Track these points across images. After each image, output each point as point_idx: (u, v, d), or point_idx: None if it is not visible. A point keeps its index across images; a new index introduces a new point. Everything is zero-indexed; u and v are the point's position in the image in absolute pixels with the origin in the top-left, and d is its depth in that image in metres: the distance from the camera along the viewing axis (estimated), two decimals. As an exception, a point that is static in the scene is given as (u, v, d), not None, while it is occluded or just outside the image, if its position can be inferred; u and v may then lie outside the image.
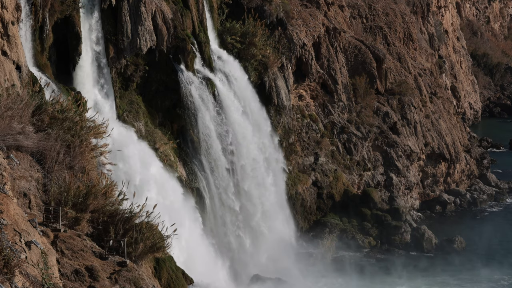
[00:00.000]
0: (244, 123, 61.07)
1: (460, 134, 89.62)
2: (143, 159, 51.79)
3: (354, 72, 77.19)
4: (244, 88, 62.78)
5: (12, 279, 21.50)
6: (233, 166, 59.37)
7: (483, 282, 60.61)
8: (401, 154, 76.67)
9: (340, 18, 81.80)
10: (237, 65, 63.09)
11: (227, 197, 58.47)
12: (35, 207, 31.81)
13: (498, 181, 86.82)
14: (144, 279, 30.39)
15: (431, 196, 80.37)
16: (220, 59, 61.83)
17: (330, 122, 74.02)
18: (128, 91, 55.16)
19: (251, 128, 61.76)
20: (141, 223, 33.83)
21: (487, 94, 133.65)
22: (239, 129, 60.32)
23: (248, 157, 60.75)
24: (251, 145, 61.27)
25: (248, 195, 60.49)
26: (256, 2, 67.26)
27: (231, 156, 59.23)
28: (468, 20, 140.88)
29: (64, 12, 49.24)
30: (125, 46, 53.46)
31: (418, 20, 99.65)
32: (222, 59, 62.06)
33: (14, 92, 36.51)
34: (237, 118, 60.35)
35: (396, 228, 69.38)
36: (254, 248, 60.09)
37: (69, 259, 29.47)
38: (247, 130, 61.14)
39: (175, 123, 57.37)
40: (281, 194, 65.13)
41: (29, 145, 33.33)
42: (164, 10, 55.94)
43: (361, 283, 59.68)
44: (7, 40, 40.30)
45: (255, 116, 63.18)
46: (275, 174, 64.51)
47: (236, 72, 62.40)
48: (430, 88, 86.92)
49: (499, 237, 70.62)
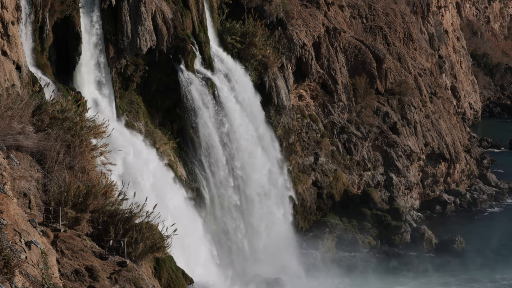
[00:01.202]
0: (244, 122, 61.05)
1: (460, 134, 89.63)
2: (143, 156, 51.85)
3: (354, 72, 77.19)
4: (244, 88, 62.77)
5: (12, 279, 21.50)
6: (233, 165, 59.35)
7: (485, 282, 60.61)
8: (401, 154, 76.68)
9: (340, 18, 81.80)
10: (237, 65, 63.08)
11: (227, 196, 58.47)
12: (35, 207, 31.82)
13: (498, 181, 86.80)
14: (144, 279, 30.39)
15: (431, 196, 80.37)
16: (220, 59, 61.82)
17: (330, 122, 74.03)
18: (128, 91, 55.16)
19: (251, 128, 61.74)
20: (141, 223, 33.85)
21: (487, 94, 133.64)
22: (239, 129, 60.30)
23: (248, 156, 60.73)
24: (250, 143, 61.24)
25: (248, 193, 60.47)
26: (256, 2, 67.25)
27: (231, 155, 59.21)
28: (468, 20, 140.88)
29: (64, 12, 49.24)
30: (125, 46, 53.46)
31: (418, 20, 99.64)
32: (222, 59, 62.05)
33: (14, 92, 36.51)
34: (237, 117, 60.34)
35: (396, 228, 69.39)
36: (254, 248, 60.08)
37: (69, 259, 29.47)
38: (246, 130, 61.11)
39: (175, 123, 57.37)
40: (282, 192, 65.10)
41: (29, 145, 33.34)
42: (164, 10, 55.94)
43: (361, 283, 59.69)
44: (7, 40, 40.30)
45: (254, 116, 63.17)
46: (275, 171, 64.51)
47: (236, 72, 62.39)
48: (430, 88, 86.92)
49: (499, 237, 70.60)
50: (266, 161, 63.05)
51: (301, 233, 66.81)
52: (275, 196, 63.75)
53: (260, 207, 61.71)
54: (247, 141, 60.98)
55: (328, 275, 61.08)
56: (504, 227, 73.95)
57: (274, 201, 63.51)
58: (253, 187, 60.98)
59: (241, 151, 60.16)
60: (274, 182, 64.03)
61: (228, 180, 58.61)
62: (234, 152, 59.47)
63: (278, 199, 64.28)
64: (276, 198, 63.99)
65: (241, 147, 60.25)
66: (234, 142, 59.63)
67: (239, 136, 60.19)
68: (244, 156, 60.40)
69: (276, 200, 63.95)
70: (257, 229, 61.17)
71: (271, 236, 62.18)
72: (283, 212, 65.11)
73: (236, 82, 61.60)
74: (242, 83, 62.60)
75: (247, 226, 59.96)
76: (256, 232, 61.08)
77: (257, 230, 61.22)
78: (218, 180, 57.94)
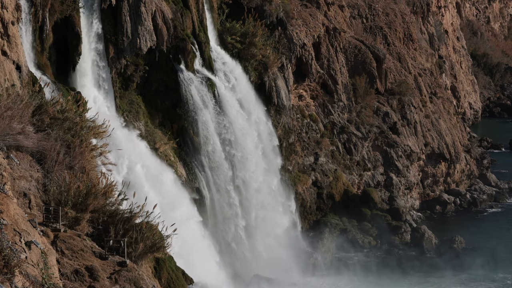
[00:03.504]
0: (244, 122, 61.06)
1: (460, 134, 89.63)
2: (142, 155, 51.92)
3: (354, 72, 77.20)
4: (244, 88, 62.78)
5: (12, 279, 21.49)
6: (233, 165, 59.36)
7: (485, 282, 60.60)
8: (401, 154, 76.68)
9: (340, 18, 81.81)
10: (237, 65, 63.09)
11: (227, 196, 58.47)
12: (35, 207, 31.82)
13: (498, 181, 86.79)
14: (144, 279, 30.39)
15: (431, 196, 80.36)
16: (220, 59, 61.83)
17: (330, 122, 74.03)
18: (128, 91, 55.16)
19: (251, 128, 61.75)
20: (141, 223, 33.86)
21: (487, 94, 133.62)
22: (239, 129, 60.31)
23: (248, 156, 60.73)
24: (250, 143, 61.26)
25: (248, 193, 60.47)
26: (256, 2, 67.25)
27: (231, 155, 59.22)
28: (468, 20, 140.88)
29: (64, 12, 49.25)
30: (125, 46, 53.46)
31: (418, 20, 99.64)
32: (222, 59, 62.06)
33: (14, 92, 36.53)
34: (237, 117, 60.34)
35: (396, 228, 69.39)
36: (254, 248, 60.08)
37: (69, 259, 29.48)
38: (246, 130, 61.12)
39: (175, 123, 57.38)
40: (282, 191, 65.09)
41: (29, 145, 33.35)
42: (164, 10, 55.94)
43: (361, 283, 59.68)
44: (7, 40, 40.31)
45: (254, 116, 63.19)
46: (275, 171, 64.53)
47: (236, 72, 62.41)
48: (430, 88, 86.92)
49: (499, 237, 70.61)
50: (266, 161, 63.05)
51: (301, 233, 66.80)
52: (275, 195, 63.75)
53: (260, 207, 61.71)
54: (247, 140, 60.98)
55: (328, 275, 61.07)
56: (504, 227, 73.94)
57: (274, 200, 63.51)
58: (253, 187, 60.98)
59: (241, 151, 60.16)
60: (274, 182, 64.03)
61: (228, 180, 58.61)
62: (234, 152, 59.47)
63: (278, 199, 64.28)
64: (276, 198, 64.00)
65: (241, 147, 60.25)
66: (234, 142, 59.63)
67: (239, 136, 60.20)
68: (244, 156, 60.40)
69: (276, 199, 63.95)
70: (257, 229, 61.16)
71: (271, 236, 62.18)
72: (283, 212, 65.10)
73: (236, 82, 61.61)
74: (242, 83, 62.61)
75: (247, 225, 59.97)
76: (256, 232, 61.07)
77: (257, 230, 61.21)
78: (218, 180, 57.94)
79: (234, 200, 58.89)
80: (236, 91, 61.34)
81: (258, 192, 61.51)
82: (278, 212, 64.19)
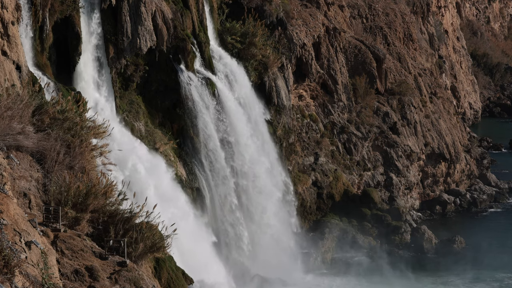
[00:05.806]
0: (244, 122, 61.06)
1: (460, 134, 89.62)
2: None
3: (354, 72, 77.20)
4: (244, 88, 62.78)
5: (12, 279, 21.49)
6: (233, 165, 59.36)
7: (485, 282, 60.61)
8: (401, 154, 76.68)
9: (340, 18, 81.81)
10: (237, 65, 63.09)
11: (227, 196, 58.47)
12: (35, 207, 31.83)
13: (498, 181, 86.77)
14: (144, 279, 30.39)
15: (431, 196, 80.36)
16: (220, 59, 61.83)
17: (330, 122, 74.03)
18: (128, 91, 55.16)
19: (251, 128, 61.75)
20: (141, 223, 33.86)
21: (487, 94, 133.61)
22: (239, 129, 60.31)
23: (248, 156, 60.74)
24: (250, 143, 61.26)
25: (248, 193, 60.48)
26: (256, 2, 67.26)
27: (231, 155, 59.21)
28: (468, 20, 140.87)
29: (64, 12, 49.26)
30: (125, 46, 53.47)
31: (418, 20, 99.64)
32: (222, 59, 62.06)
33: (14, 92, 36.53)
34: (237, 117, 60.34)
35: (396, 228, 69.38)
36: (254, 248, 60.08)
37: (69, 259, 29.48)
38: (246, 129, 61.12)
39: (175, 123, 57.37)
40: (282, 191, 65.07)
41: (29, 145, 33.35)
42: (164, 10, 55.94)
43: (361, 283, 59.69)
44: (7, 40, 40.31)
45: (254, 116, 63.19)
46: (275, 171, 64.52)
47: (236, 72, 62.40)
48: (430, 88, 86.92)
49: (499, 237, 70.61)
50: (266, 161, 63.05)
51: (301, 233, 66.79)
52: (275, 195, 63.74)
53: (260, 207, 61.71)
54: (247, 140, 60.98)
55: (328, 275, 61.07)
56: (504, 227, 73.93)
57: (274, 200, 63.51)
58: (253, 187, 60.98)
59: (241, 151, 60.17)
60: (274, 182, 64.03)
61: (228, 180, 58.61)
62: (234, 152, 59.48)
63: (278, 198, 64.28)
64: (276, 198, 63.99)
65: (241, 147, 60.25)
66: (234, 142, 59.64)
67: (239, 136, 60.20)
68: (244, 156, 60.41)
69: (276, 199, 63.95)
70: (257, 229, 61.17)
71: (271, 236, 62.18)
72: (283, 211, 65.10)
73: (236, 82, 61.61)
74: (242, 83, 62.61)
75: (247, 225, 59.97)
76: (256, 231, 61.08)
77: (257, 229, 61.22)
78: (218, 180, 57.94)
79: (234, 200, 58.89)
80: (236, 91, 61.34)
81: (258, 191, 61.51)
82: (279, 212, 64.17)
